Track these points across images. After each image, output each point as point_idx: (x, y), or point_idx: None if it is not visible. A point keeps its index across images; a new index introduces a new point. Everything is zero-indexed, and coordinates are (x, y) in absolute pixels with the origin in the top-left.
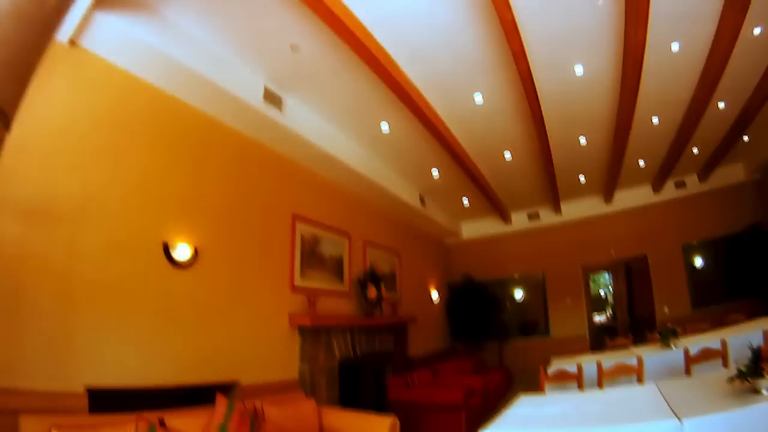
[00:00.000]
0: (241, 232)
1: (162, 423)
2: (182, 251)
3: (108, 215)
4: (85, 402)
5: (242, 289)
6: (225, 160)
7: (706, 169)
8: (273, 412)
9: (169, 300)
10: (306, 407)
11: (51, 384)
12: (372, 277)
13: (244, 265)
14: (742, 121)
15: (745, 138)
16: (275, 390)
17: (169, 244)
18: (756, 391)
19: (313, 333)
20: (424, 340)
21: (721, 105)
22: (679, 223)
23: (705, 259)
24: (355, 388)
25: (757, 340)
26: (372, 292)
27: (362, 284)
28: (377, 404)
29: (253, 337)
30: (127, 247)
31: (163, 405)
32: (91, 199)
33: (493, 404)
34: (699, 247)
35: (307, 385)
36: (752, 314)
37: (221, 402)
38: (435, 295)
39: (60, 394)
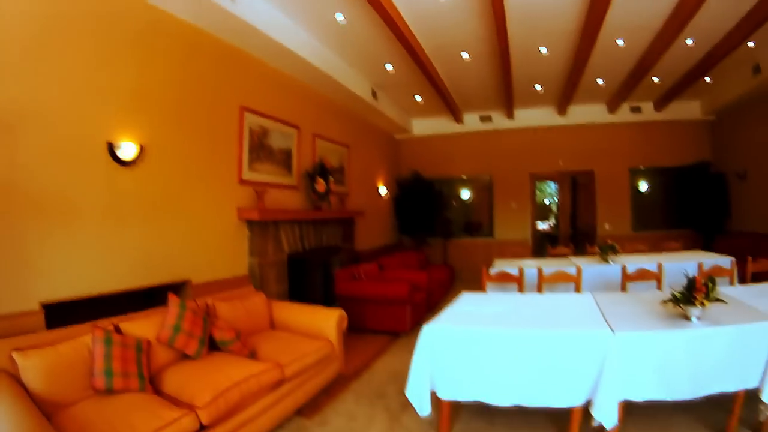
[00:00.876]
0: (188, 127)
1: (117, 329)
2: (128, 150)
3: (48, 119)
4: (41, 318)
5: (190, 185)
6: (171, 53)
7: (663, 100)
8: (224, 308)
9: (117, 202)
10: (256, 301)
11: (7, 306)
12: (321, 170)
13: (191, 160)
14: (707, 62)
15: (707, 79)
16: (226, 286)
17: (114, 143)
18: (686, 317)
19: (261, 227)
20: (371, 235)
21: (689, 42)
22: (629, 146)
23: (650, 184)
24: (304, 281)
25: (691, 270)
26: (320, 185)
27: (311, 177)
28: (325, 297)
29: (202, 234)
30: (70, 151)
31: (118, 310)
32: (29, 104)
33: (437, 299)
34: (646, 173)
35: (257, 280)
36: (688, 245)
37: (173, 302)
38: (383, 190)
39: (17, 315)
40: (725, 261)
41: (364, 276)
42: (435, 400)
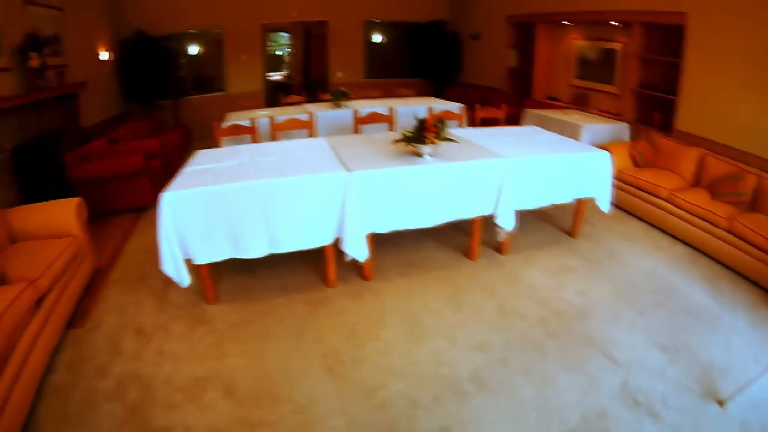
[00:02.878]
0: None
1: None
2: None
3: None
4: None
5: None
6: None
7: None
8: None
9: None
10: None
11: None
12: (33, 43)
13: None
14: None
15: None
16: None
17: None
18: (418, 155)
19: None
20: (97, 108)
21: None
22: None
23: (385, 37)
24: (35, 177)
25: (422, 114)
26: (34, 60)
27: (22, 53)
28: (61, 188)
29: None
30: None
31: None
32: None
33: (176, 164)
34: (381, 26)
35: None
36: (421, 93)
37: None
38: (105, 55)
39: None
40: (455, 107)
41: (96, 155)
42: (194, 267)
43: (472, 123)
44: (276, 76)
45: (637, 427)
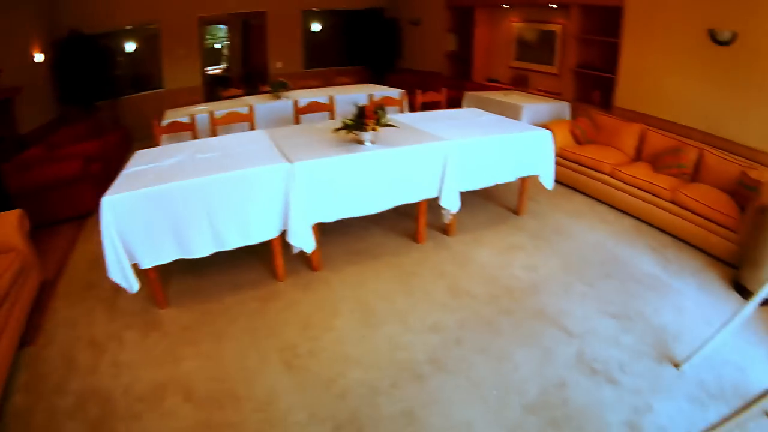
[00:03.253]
0: None
1: None
2: None
3: None
4: None
5: None
6: None
7: None
8: None
9: None
10: None
11: None
12: None
13: None
14: None
15: None
16: None
17: None
18: (359, 142)
19: None
20: (33, 113)
21: None
22: None
23: (323, 25)
24: None
25: (362, 100)
26: None
27: None
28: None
29: None
30: None
31: None
32: None
33: (116, 166)
34: (319, 14)
35: None
36: (361, 80)
37: None
38: (40, 57)
39: None
40: (395, 92)
41: (34, 163)
42: (142, 272)
43: (413, 108)
44: (215, 70)
45: (596, 394)
